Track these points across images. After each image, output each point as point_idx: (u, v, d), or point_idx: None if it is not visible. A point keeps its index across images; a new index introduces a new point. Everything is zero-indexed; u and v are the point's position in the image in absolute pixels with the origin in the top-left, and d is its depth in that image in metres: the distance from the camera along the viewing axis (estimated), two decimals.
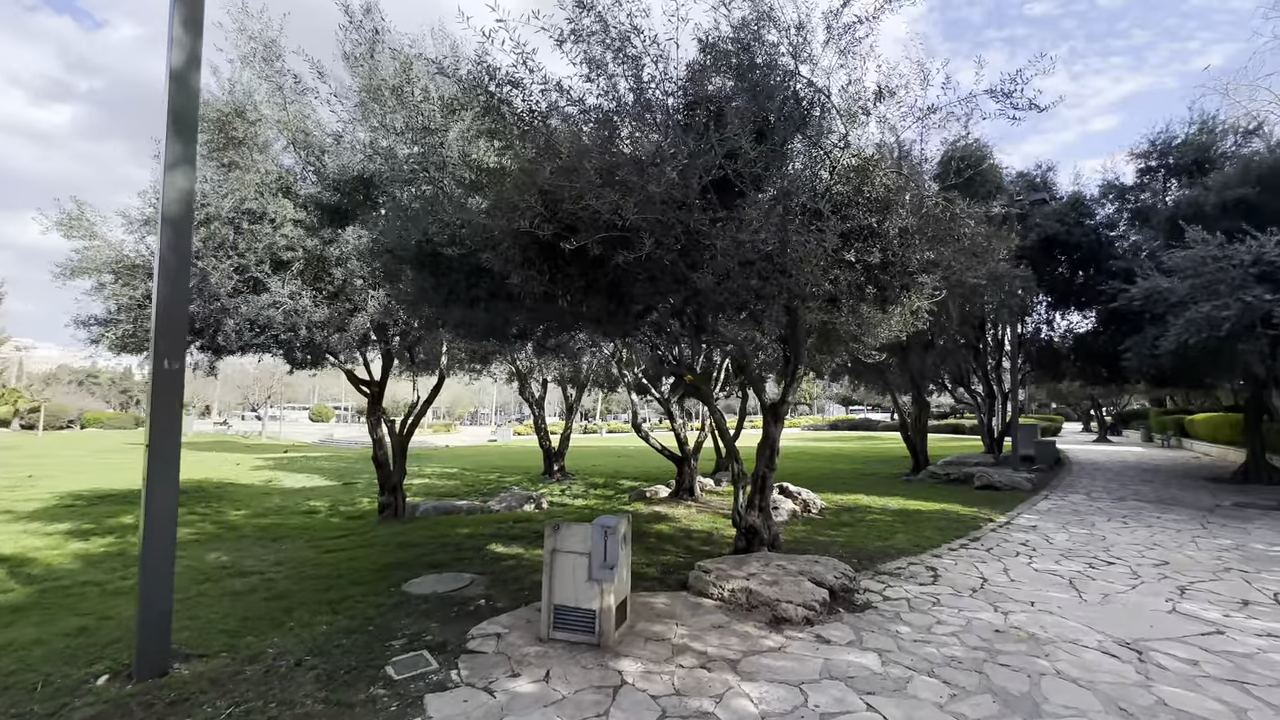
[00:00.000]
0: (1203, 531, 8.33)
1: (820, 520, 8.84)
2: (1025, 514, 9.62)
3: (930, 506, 10.06)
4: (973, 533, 8.07)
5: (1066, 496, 11.52)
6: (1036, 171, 17.28)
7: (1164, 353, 10.98)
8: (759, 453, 6.19)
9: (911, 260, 5.08)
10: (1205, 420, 22.19)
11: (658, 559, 6.33)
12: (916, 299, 6.77)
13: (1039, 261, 15.64)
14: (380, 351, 8.85)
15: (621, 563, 4.05)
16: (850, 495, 11.41)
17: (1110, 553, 7.10)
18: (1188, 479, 14.73)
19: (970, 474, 13.16)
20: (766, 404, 5.99)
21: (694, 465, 10.56)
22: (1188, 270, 10.88)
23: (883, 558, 6.67)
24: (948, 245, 5.42)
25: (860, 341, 7.07)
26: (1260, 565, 6.55)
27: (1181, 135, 14.94)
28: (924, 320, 10.17)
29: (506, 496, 10.85)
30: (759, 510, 6.01)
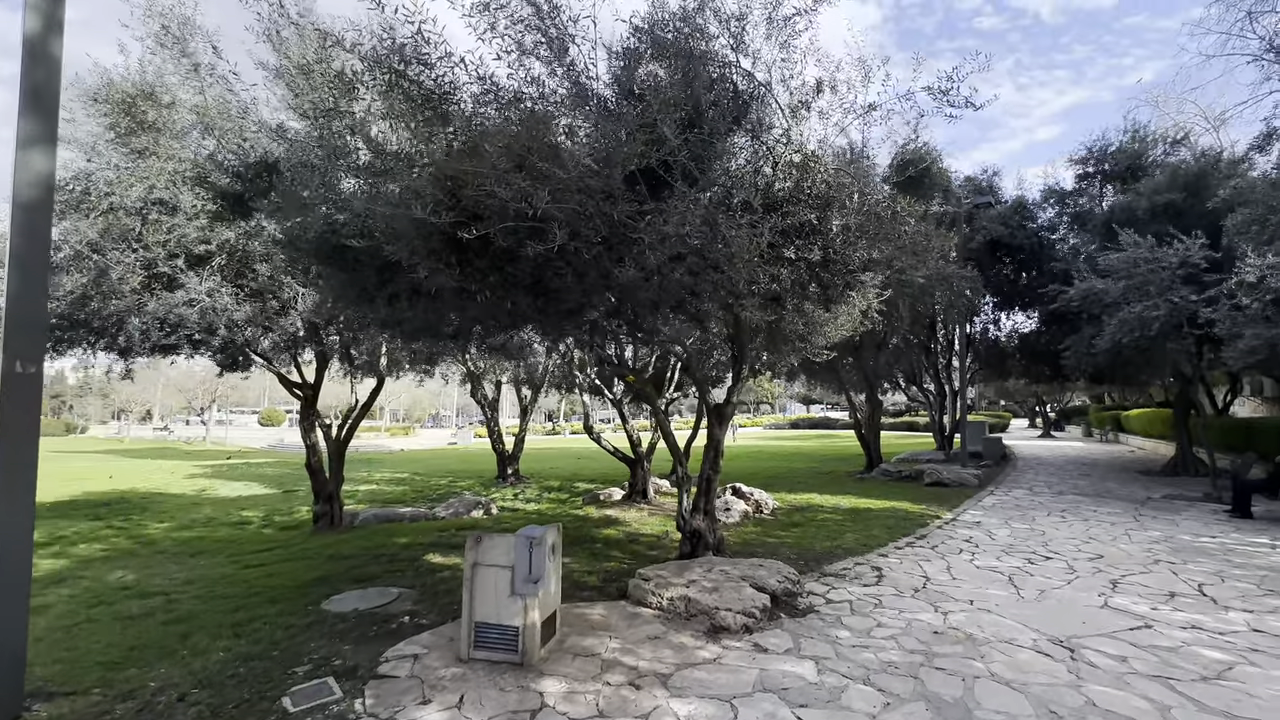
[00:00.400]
0: (1135, 524, 8.61)
1: (772, 521, 8.79)
2: (971, 510, 9.80)
3: (880, 505, 10.15)
4: (919, 530, 8.14)
5: (1010, 492, 11.82)
6: (983, 176, 17.80)
7: (1100, 351, 11.40)
8: (704, 455, 6.04)
9: (853, 258, 5.01)
10: (1139, 416, 23.31)
11: (601, 566, 6.11)
12: (861, 298, 6.75)
13: (985, 263, 16.09)
14: (314, 353, 8.36)
15: (550, 575, 3.82)
16: (804, 494, 11.44)
17: (1049, 547, 7.24)
18: (1123, 472, 15.38)
19: (921, 471, 13.40)
20: (711, 405, 5.85)
21: (647, 467, 10.39)
22: (1121, 272, 11.31)
23: (830, 558, 6.62)
24: (889, 243, 5.37)
25: (808, 341, 7.02)
26: (1186, 556, 6.77)
27: (1116, 143, 15.60)
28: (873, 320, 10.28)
29: (454, 502, 10.45)
30: (704, 514, 5.87)
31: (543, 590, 3.67)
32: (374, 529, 8.47)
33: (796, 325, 6.60)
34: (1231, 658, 4.00)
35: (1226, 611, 4.98)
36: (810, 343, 7.15)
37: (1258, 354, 8.32)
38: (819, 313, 6.73)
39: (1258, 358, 8.29)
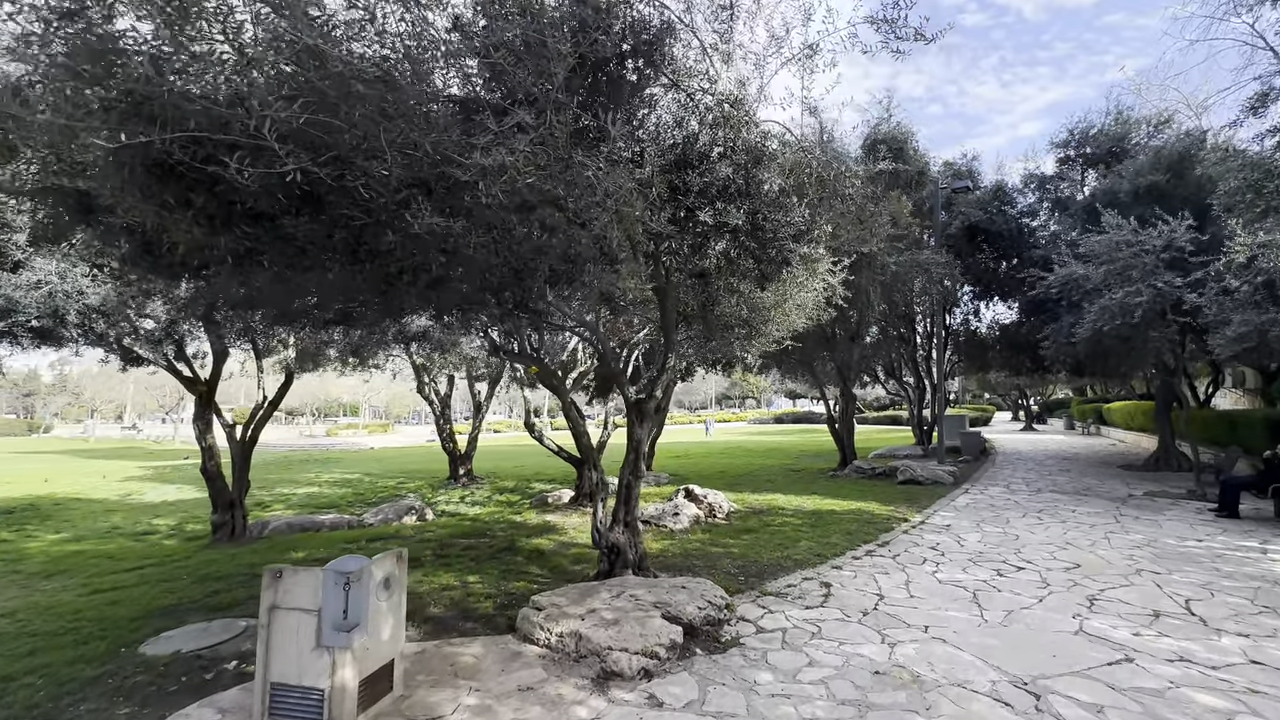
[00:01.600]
0: (1115, 526, 7.95)
1: (724, 526, 8.03)
2: (942, 511, 9.10)
3: (846, 506, 9.43)
4: (883, 536, 7.42)
5: (986, 490, 11.17)
6: (962, 161, 17.13)
7: (1079, 340, 10.75)
8: (625, 458, 5.25)
9: (783, 225, 4.22)
10: (1121, 408, 22.89)
11: (505, 587, 5.30)
12: (809, 276, 5.98)
13: (963, 250, 15.45)
14: (212, 345, 7.46)
15: (381, 617, 3.01)
16: (767, 495, 10.70)
17: (1021, 555, 6.54)
18: (1103, 467, 14.83)
19: (895, 468, 12.72)
20: (630, 399, 5.06)
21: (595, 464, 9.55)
22: (1102, 256, 10.66)
23: (776, 572, 5.87)
24: (828, 210, 4.59)
25: (755, 328, 6.24)
26: (1172, 565, 6.09)
27: (1098, 125, 14.99)
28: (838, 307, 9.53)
29: (386, 508, 9.60)
30: (624, 525, 5.07)
31: (363, 638, 2.85)
32: (280, 540, 7.61)
33: (738, 310, 5.81)
34: (1229, 704, 3.28)
35: (1219, 637, 4.27)
36: (758, 330, 6.39)
37: (1246, 341, 7.68)
38: (763, 296, 5.97)
39: (1246, 345, 7.65)
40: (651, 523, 8.02)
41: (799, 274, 5.90)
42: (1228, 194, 6.26)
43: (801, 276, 6.24)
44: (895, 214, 9.82)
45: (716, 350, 6.35)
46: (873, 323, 14.25)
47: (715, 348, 6.25)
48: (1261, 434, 11.93)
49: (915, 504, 9.63)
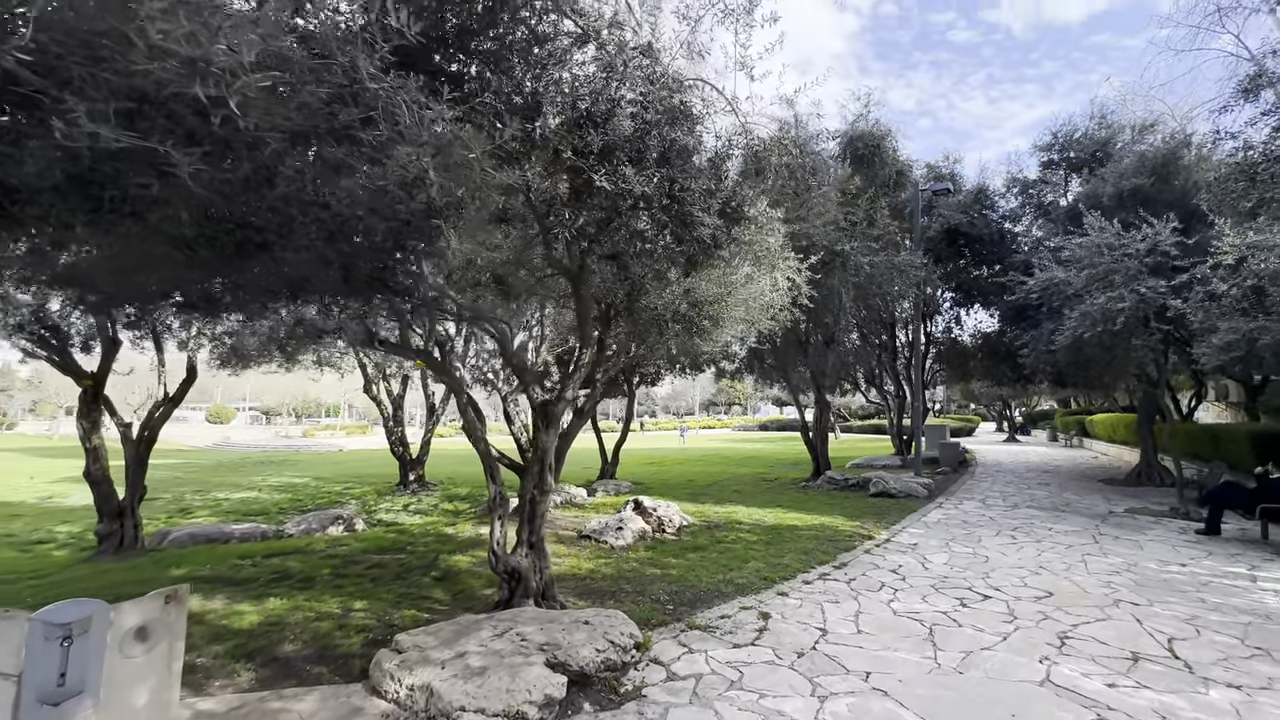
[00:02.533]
0: (1094, 547, 7.36)
1: (672, 543, 7.34)
2: (911, 528, 8.48)
3: (810, 520, 8.78)
4: (841, 556, 6.77)
5: (961, 504, 10.57)
6: (944, 164, 16.69)
7: (1060, 348, 10.21)
8: (528, 469, 4.56)
9: (703, 197, 3.56)
10: (1103, 420, 22.50)
11: (393, 615, 4.58)
12: (753, 267, 5.35)
13: (943, 254, 14.96)
14: (100, 334, 6.69)
15: (133, 677, 2.29)
16: (730, 507, 10.04)
17: (989, 580, 5.91)
18: (1084, 480, 14.32)
19: (868, 479, 12.09)
20: (535, 400, 4.37)
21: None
22: (1084, 260, 10.14)
23: (713, 599, 5.19)
24: (759, 181, 3.95)
25: (695, 325, 5.58)
26: (1153, 594, 5.49)
27: (1083, 129, 14.56)
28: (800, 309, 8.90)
29: (312, 517, 8.82)
30: (528, 547, 4.37)
31: (88, 712, 2.13)
32: (173, 554, 6.83)
33: (674, 303, 5.15)
34: None
35: (1207, 689, 3.65)
36: (701, 328, 5.72)
37: (1234, 350, 7.14)
38: (703, 289, 5.31)
39: (1234, 354, 7.11)
40: (592, 538, 7.33)
41: (741, 263, 5.27)
42: (1219, 182, 5.75)
43: (747, 267, 5.61)
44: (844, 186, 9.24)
45: (654, 350, 5.68)
46: (849, 327, 13.68)
47: (652, 346, 5.58)
48: (1246, 449, 11.46)
49: (883, 519, 9.00)
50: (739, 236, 4.21)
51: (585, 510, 9.92)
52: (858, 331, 18.54)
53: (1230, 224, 6.73)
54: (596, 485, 12.16)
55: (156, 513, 10.34)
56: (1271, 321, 6.89)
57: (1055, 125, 14.86)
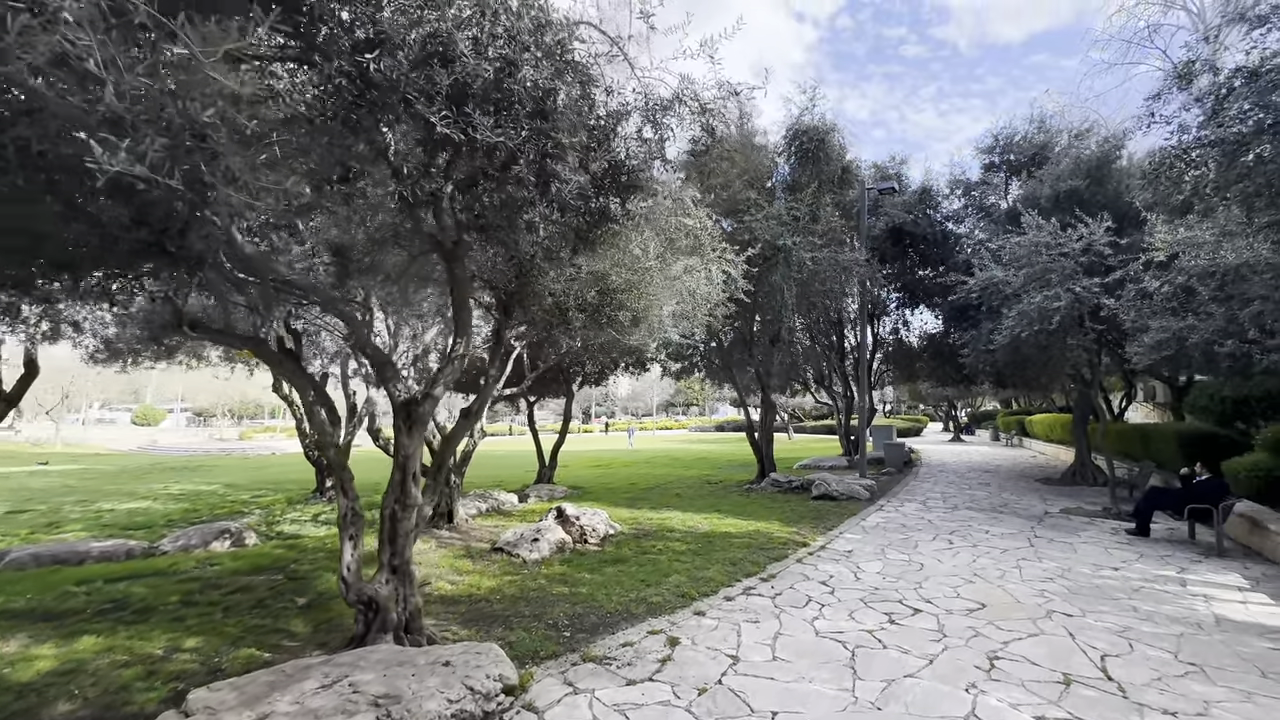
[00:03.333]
0: (1029, 551, 7.15)
1: (592, 554, 6.75)
2: (848, 533, 8.13)
3: (745, 527, 8.33)
4: (771, 567, 6.31)
5: (901, 507, 10.35)
6: (891, 164, 16.67)
7: (998, 348, 10.12)
8: (389, 479, 3.88)
9: (573, 152, 2.98)
10: (1042, 420, 23.12)
11: (228, 655, 3.82)
12: (665, 250, 4.83)
13: (889, 253, 14.89)
14: None
15: None
16: (665, 513, 9.52)
17: (922, 591, 5.55)
18: (1022, 480, 14.46)
19: (812, 481, 11.79)
20: (396, 399, 3.71)
21: (457, 482, 8.13)
22: (1022, 259, 10.08)
23: (619, 622, 4.62)
24: (659, 147, 3.41)
25: (605, 315, 5.00)
26: (1086, 603, 5.21)
27: (1022, 132, 14.73)
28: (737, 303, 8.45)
29: (195, 531, 7.84)
30: (390, 571, 3.70)
31: None
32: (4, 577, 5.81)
33: (576, 290, 4.56)
34: None
35: (1141, 716, 3.29)
36: (614, 320, 5.16)
37: (1165, 349, 7.05)
38: (610, 275, 4.74)
39: (1165, 353, 7.01)
40: (504, 551, 6.67)
41: (652, 245, 4.73)
42: (1155, 168, 5.59)
43: (660, 250, 5.08)
44: (744, 145, 8.80)
45: (556, 343, 5.08)
46: (794, 326, 13.39)
47: (556, 339, 4.98)
48: (1174, 448, 11.66)
49: (821, 524, 8.64)
50: (636, 210, 3.64)
51: (510, 519, 9.23)
52: (806, 332, 18.44)
53: (1162, 220, 6.61)
54: (530, 490, 11.46)
55: (18, 527, 9.09)
56: (1199, 320, 6.81)
57: (996, 128, 15.00)
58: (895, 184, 14.42)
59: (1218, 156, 4.68)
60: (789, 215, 10.91)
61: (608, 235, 3.77)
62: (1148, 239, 6.72)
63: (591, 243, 3.69)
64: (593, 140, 3.16)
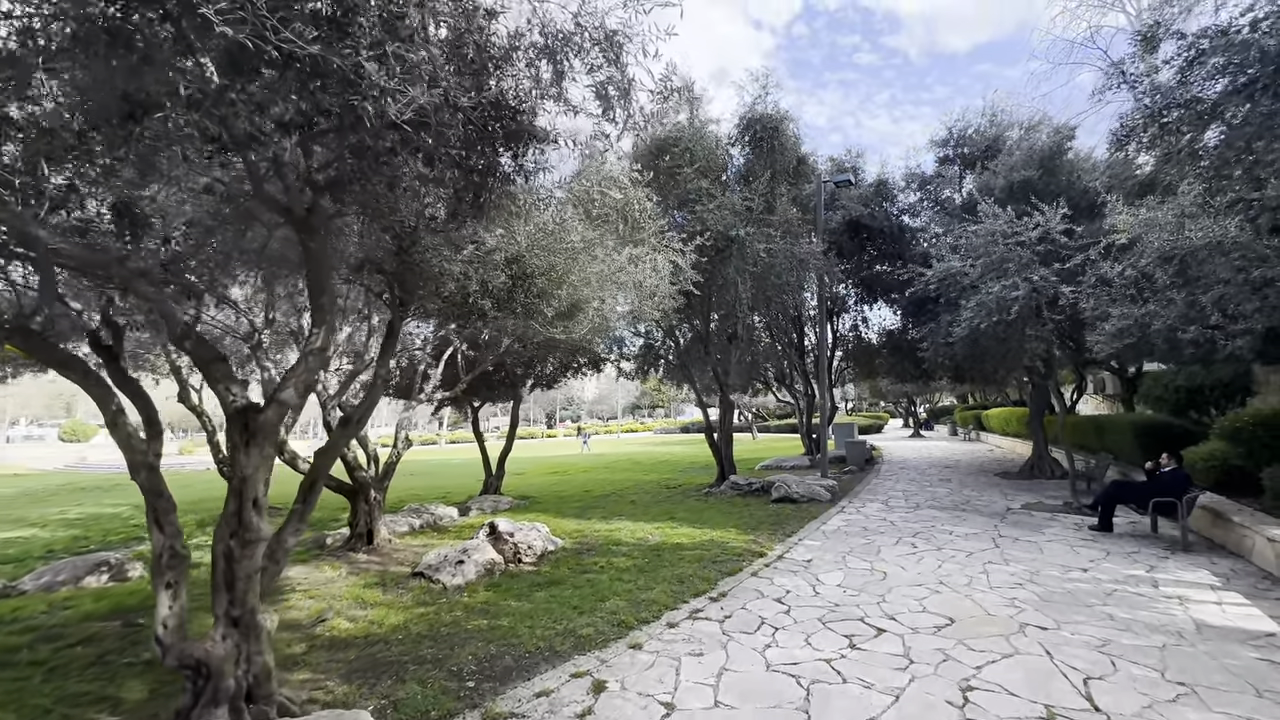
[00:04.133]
0: (995, 553, 6.75)
1: (525, 576, 6.01)
2: (809, 539, 7.61)
3: (699, 537, 7.73)
4: (723, 583, 5.71)
5: (864, 508, 9.93)
6: (848, 158, 16.43)
7: (957, 340, 9.81)
8: (224, 509, 3.11)
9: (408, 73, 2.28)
10: (998, 415, 23.40)
11: None
12: (589, 228, 4.18)
13: (846, 248, 14.57)
14: None
15: None
16: (615, 524, 8.85)
17: (885, 606, 5.02)
18: (982, 475, 14.34)
19: (772, 483, 11.29)
20: (230, 405, 2.94)
21: (377, 499, 7.26)
22: (979, 249, 9.82)
23: (538, 664, 3.92)
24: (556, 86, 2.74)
25: (514, 302, 4.31)
26: (1060, 613, 4.77)
27: (975, 125, 14.66)
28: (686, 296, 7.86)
29: (66, 565, 6.78)
30: (229, 624, 2.90)
31: None
32: None
33: (478, 273, 3.85)
34: None
35: None
36: (531, 308, 4.47)
37: (1127, 337, 6.76)
38: (525, 255, 4.06)
39: (1127, 341, 6.73)
40: (424, 576, 5.88)
41: (577, 225, 4.07)
42: (1123, 130, 5.27)
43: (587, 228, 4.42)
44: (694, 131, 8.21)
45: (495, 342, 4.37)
46: (752, 323, 12.92)
47: (461, 330, 4.26)
48: (1129, 439, 11.63)
49: (781, 529, 8.11)
50: (531, 167, 2.96)
51: (445, 536, 8.40)
52: (766, 329, 18.07)
53: (1121, 202, 6.31)
54: (473, 503, 10.63)
55: None
56: (1160, 307, 6.53)
57: (950, 121, 14.90)
58: (851, 177, 14.12)
59: (1191, 120, 4.33)
60: (742, 205, 10.41)
61: (504, 201, 3.08)
62: (1109, 222, 6.43)
63: (482, 208, 2.99)
64: (467, 68, 2.47)
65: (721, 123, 12.31)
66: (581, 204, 4.44)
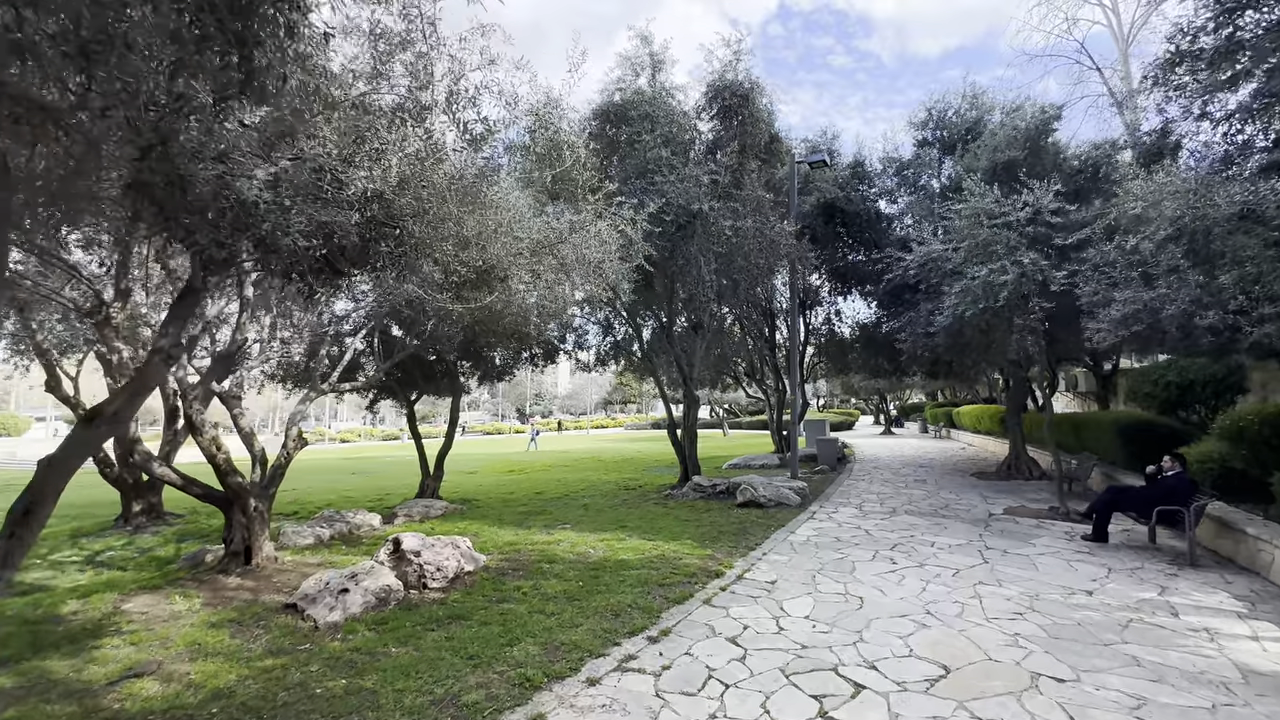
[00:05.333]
0: (984, 570, 5.88)
1: (427, 607, 4.88)
2: (774, 553, 6.64)
3: (648, 551, 6.68)
4: (668, 615, 4.67)
5: (836, 513, 9.03)
6: (823, 140, 15.54)
7: (939, 329, 8.98)
8: None
9: None
10: (970, 412, 22.99)
11: None
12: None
13: (820, 233, 13.66)
14: None
15: None
16: (558, 534, 7.76)
17: (864, 648, 4.05)
18: (957, 475, 13.65)
19: (737, 484, 10.31)
20: None
21: (259, 509, 6.01)
22: (964, 231, 8.98)
23: None
24: None
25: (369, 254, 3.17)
26: (1073, 654, 3.85)
27: (955, 106, 13.91)
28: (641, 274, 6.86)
29: None
30: None
31: None
32: None
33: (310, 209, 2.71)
34: None
35: None
36: (394, 258, 3.35)
37: (1134, 323, 5.93)
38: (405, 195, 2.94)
39: (1134, 329, 5.90)
40: (299, 608, 4.70)
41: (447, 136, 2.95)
42: (1164, 66, 4.42)
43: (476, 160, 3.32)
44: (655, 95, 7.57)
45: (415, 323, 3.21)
46: (718, 311, 11.91)
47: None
48: (1110, 438, 10.99)
49: (743, 541, 7.13)
50: None
51: (356, 549, 7.19)
52: (736, 321, 17.14)
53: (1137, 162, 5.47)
54: (402, 509, 9.40)
55: None
56: (1173, 289, 5.70)
57: (930, 101, 14.11)
58: (826, 157, 13.20)
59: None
60: (708, 179, 9.37)
61: (307, 78, 1.93)
62: (1117, 191, 5.58)
63: (254, 77, 1.85)
64: None
65: (689, 92, 11.25)
66: (463, 127, 3.32)
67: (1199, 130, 5.92)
